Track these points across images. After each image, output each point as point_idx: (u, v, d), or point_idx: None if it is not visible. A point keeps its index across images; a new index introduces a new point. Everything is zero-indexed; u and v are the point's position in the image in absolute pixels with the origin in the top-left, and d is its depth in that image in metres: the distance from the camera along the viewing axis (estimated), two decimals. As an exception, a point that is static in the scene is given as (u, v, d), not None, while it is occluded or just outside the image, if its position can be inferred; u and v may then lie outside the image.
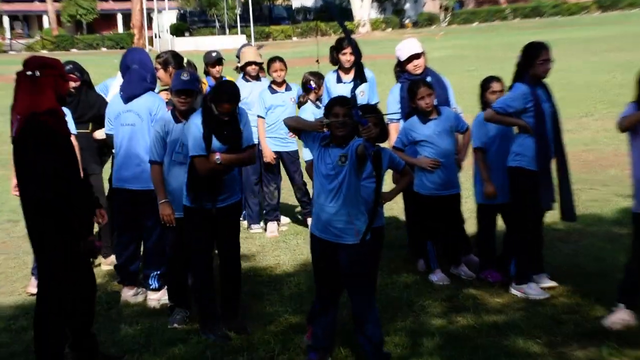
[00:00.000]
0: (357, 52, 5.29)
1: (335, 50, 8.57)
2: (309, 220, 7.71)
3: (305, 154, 7.84)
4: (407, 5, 75.20)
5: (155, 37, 54.40)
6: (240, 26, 58.01)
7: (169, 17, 64.13)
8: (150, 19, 58.40)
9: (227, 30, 61.35)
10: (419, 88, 7.35)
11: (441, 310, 6.66)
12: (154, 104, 7.11)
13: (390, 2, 74.42)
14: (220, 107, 6.02)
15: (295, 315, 6.67)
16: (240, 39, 51.82)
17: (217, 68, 9.82)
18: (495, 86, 7.48)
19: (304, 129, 5.50)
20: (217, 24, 64.73)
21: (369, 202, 5.49)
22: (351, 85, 5.21)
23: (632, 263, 6.15)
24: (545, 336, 5.97)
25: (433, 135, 7.36)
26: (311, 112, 8.77)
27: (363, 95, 8.36)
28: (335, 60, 8.64)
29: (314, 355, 5.67)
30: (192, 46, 49.26)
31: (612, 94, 19.86)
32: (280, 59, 9.40)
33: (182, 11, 69.21)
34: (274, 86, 9.39)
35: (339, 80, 8.60)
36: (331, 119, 5.30)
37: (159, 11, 58.42)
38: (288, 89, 9.44)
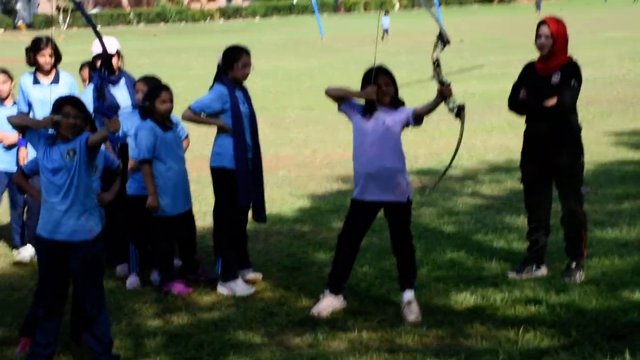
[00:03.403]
0: None
1: (32, 51, 8.14)
2: None
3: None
4: (19, 5, 72.09)
5: None
6: None
7: None
8: None
9: None
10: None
11: (154, 312, 6.67)
12: None
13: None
14: None
15: (-2, 329, 6.32)
16: None
17: None
18: (165, 96, 7.10)
19: (31, 126, 5.26)
20: None
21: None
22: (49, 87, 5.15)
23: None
24: (262, 327, 6.23)
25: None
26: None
27: None
28: (32, 62, 8.20)
29: (35, 364, 5.42)
30: None
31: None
32: None
33: None
34: None
35: (36, 81, 8.20)
36: (61, 118, 5.16)
37: None
38: None
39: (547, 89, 6.81)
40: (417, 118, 6.24)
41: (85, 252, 5.28)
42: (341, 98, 6.40)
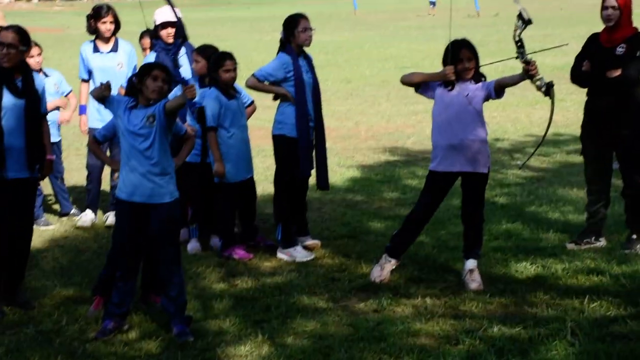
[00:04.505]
0: None
1: (94, 18, 8.24)
2: None
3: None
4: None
5: None
6: None
7: None
8: None
9: None
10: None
11: (217, 276, 6.76)
12: None
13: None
14: None
15: (67, 289, 6.47)
16: None
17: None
18: (229, 64, 7.14)
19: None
20: None
21: None
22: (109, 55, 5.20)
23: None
24: (326, 293, 6.31)
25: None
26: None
27: (121, 67, 8.22)
28: (92, 30, 8.31)
29: (109, 322, 5.57)
30: None
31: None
32: None
33: None
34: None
35: (96, 49, 8.30)
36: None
37: None
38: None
39: (611, 61, 6.80)
40: (499, 90, 6.27)
41: (164, 214, 5.40)
42: (418, 83, 6.42)
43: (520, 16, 6.11)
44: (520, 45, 6.12)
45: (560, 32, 28.56)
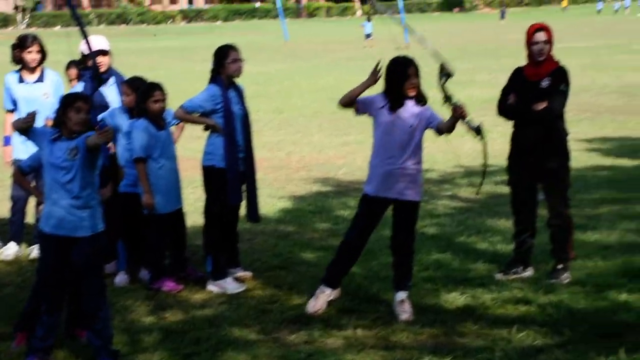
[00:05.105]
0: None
1: (19, 48, 8.10)
2: None
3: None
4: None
5: None
6: None
7: None
8: None
9: None
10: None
11: (146, 309, 6.67)
12: None
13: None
14: None
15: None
16: None
17: None
18: (158, 95, 7.10)
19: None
20: None
21: None
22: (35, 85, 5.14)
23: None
24: (257, 324, 6.27)
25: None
26: None
27: (48, 97, 8.08)
28: (18, 60, 8.16)
29: (32, 358, 5.47)
30: None
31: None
32: None
33: None
34: None
35: (22, 80, 8.15)
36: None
37: None
38: None
39: (537, 94, 6.95)
40: (440, 132, 6.39)
41: (87, 246, 5.32)
42: (352, 101, 6.42)
43: (441, 70, 6.34)
44: (446, 95, 6.30)
45: (490, 64, 29.08)
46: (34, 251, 8.02)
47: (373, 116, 6.42)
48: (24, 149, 7.88)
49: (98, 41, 7.57)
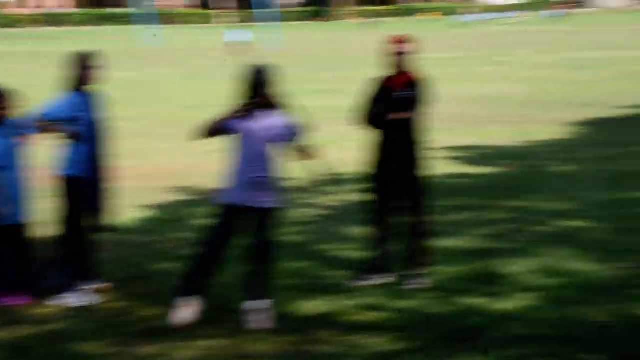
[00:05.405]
0: None
1: None
2: None
3: None
4: None
5: None
6: None
7: None
8: None
9: None
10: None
11: (-8, 324, 6.38)
12: None
13: None
14: None
15: None
16: None
17: None
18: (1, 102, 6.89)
19: None
20: None
21: None
22: None
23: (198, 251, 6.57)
24: (111, 337, 6.10)
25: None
26: None
27: None
28: None
29: None
30: None
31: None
32: None
33: None
34: None
35: None
36: None
37: None
38: None
39: (397, 103, 7.07)
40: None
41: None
42: (215, 130, 6.41)
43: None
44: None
45: (350, 74, 29.49)
46: None
47: (234, 132, 6.42)
48: None
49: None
